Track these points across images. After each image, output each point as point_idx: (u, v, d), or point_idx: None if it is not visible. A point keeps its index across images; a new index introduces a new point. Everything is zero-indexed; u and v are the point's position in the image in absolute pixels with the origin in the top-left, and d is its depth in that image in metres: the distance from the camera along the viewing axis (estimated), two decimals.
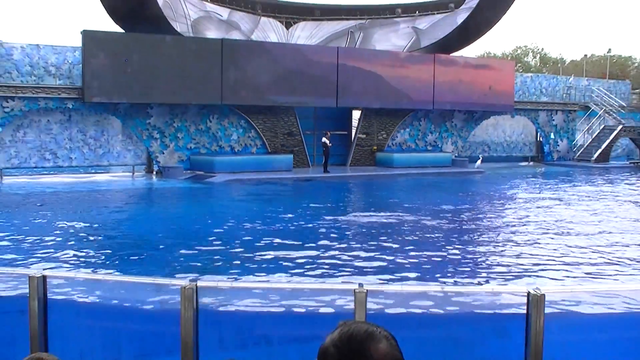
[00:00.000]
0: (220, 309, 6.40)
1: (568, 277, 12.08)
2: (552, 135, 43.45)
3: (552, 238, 16.28)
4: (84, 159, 29.78)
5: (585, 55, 67.67)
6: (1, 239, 14.95)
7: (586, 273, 12.52)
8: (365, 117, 35.74)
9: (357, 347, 1.88)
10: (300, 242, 15.17)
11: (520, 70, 63.45)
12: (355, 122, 36.87)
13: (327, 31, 37.95)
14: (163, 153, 30.33)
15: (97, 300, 6.86)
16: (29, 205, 21.44)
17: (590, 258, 13.95)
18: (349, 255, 13.98)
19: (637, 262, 13.74)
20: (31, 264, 11.91)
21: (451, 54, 37.82)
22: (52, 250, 13.82)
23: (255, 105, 31.81)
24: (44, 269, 6.82)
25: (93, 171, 30.21)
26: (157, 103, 29.47)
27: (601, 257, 14.10)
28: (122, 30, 30.01)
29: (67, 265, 12.34)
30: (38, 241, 14.76)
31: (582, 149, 43.79)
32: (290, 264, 12.85)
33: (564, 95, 45.13)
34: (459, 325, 6.83)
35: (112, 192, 25.66)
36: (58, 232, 16.11)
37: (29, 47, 28.30)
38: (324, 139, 32.23)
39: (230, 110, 31.74)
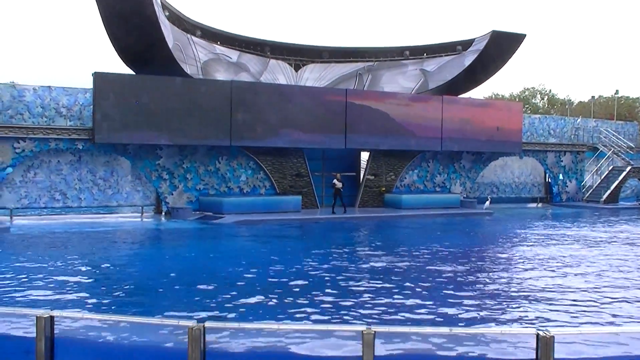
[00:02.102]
0: (228, 350, 6.37)
1: (577, 319, 11.97)
2: (560, 176, 43.43)
3: (565, 280, 16.16)
4: (93, 199, 29.92)
5: (593, 97, 67.83)
6: (10, 279, 14.95)
7: (600, 315, 12.41)
8: (374, 158, 35.85)
9: None
10: (308, 284, 15.10)
11: (529, 112, 63.63)
12: (363, 164, 36.98)
13: (336, 73, 38.29)
14: (172, 194, 30.44)
15: (104, 340, 6.84)
16: (38, 245, 21.46)
17: (606, 300, 13.83)
18: (356, 299, 13.91)
19: None
20: (39, 305, 11.88)
21: (459, 96, 38.03)
22: (60, 291, 13.80)
23: (264, 147, 31.98)
24: (51, 310, 6.82)
25: (102, 212, 30.32)
26: (166, 144, 29.66)
27: (617, 300, 13.98)
28: (132, 72, 30.36)
29: (76, 306, 12.31)
30: (46, 282, 14.75)
31: (591, 190, 43.74)
32: (297, 307, 12.79)
33: (572, 136, 45.23)
34: None
35: (121, 232, 25.68)
36: (67, 273, 16.10)
37: (40, 89, 28.64)
38: (334, 181, 32.36)
39: (239, 152, 31.90)
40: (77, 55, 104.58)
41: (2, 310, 9.53)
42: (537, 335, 5.51)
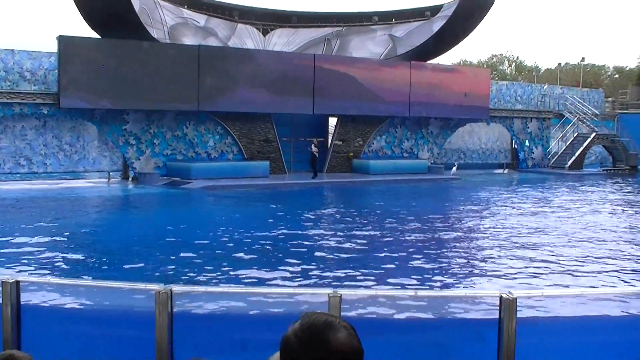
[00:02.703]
0: (195, 313, 6.41)
1: (541, 281, 12.21)
2: (526, 143, 43.84)
3: (529, 243, 16.44)
4: (60, 165, 29.58)
5: (560, 64, 68.40)
6: None
7: (559, 277, 12.66)
8: (342, 123, 35.84)
9: (316, 336, 1.95)
10: (278, 249, 15.19)
11: (496, 78, 63.97)
12: (331, 129, 36.95)
13: (304, 38, 38.02)
14: (139, 159, 30.20)
15: (71, 305, 6.83)
16: (3, 211, 21.23)
17: (564, 264, 14.10)
18: (324, 262, 14.03)
19: (611, 268, 13.91)
20: (4, 270, 11.81)
21: (427, 62, 38.05)
22: (25, 256, 13.72)
23: (231, 112, 31.78)
24: (17, 274, 6.78)
25: (69, 177, 30.00)
26: (133, 109, 29.35)
27: (576, 263, 14.26)
28: (98, 36, 29.88)
29: (41, 271, 12.25)
30: (11, 247, 14.64)
31: (557, 156, 44.22)
32: (266, 270, 12.86)
33: (539, 103, 45.62)
34: (433, 330, 6.89)
35: (87, 198, 25.49)
36: (31, 238, 15.98)
37: (3, 52, 28.08)
38: (312, 146, 32.54)
39: (207, 117, 31.68)
40: (41, 18, 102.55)
41: None
42: (501, 297, 5.61)
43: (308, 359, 1.93)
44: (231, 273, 12.60)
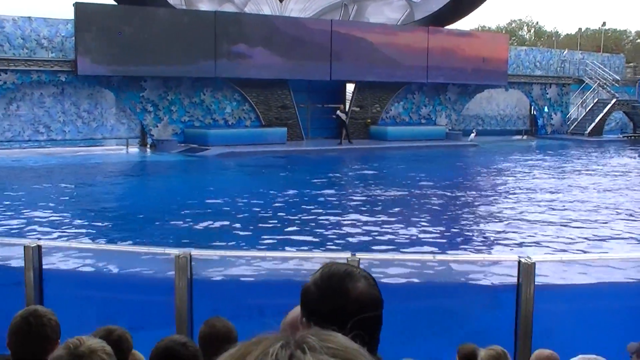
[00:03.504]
0: (214, 278, 6.46)
1: (559, 246, 12.18)
2: (545, 109, 43.42)
3: (547, 209, 16.38)
4: (78, 132, 29.69)
5: (580, 29, 67.48)
6: None
7: (579, 244, 12.62)
8: (359, 90, 35.67)
9: (336, 285, 1.95)
10: (296, 215, 15.22)
11: (515, 44, 63.27)
12: (349, 96, 36.78)
13: (321, 4, 37.68)
14: (157, 126, 30.25)
15: (92, 270, 6.91)
16: (24, 177, 21.42)
17: (585, 229, 14.05)
18: (343, 227, 14.06)
19: (631, 234, 13.84)
20: (26, 235, 11.94)
21: (445, 27, 37.67)
22: (46, 221, 13.86)
23: (248, 79, 31.68)
24: (38, 239, 6.86)
25: (87, 145, 30.13)
26: (150, 76, 29.35)
27: (596, 228, 14.21)
28: (114, 3, 29.78)
29: (63, 236, 12.38)
30: (32, 212, 14.78)
31: (576, 122, 43.79)
32: (285, 236, 12.92)
33: (558, 68, 45.05)
34: (451, 295, 6.91)
35: (106, 165, 25.64)
36: (53, 204, 16.12)
37: (20, 20, 28.07)
38: (338, 112, 32.70)
39: (224, 83, 31.62)
40: None
41: None
42: (519, 261, 5.61)
43: (327, 308, 1.92)
44: (249, 238, 12.66)
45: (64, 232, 12.98)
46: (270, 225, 14.08)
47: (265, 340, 1.12)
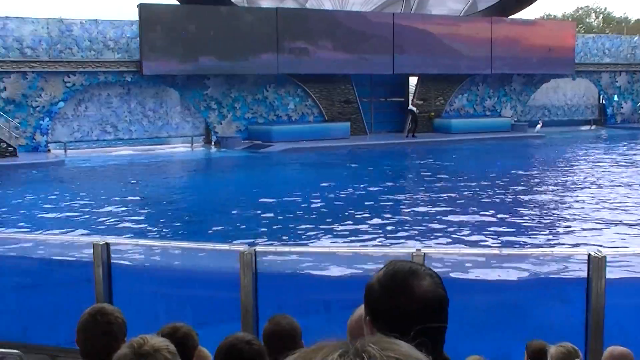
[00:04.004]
0: (279, 273, 6.48)
1: (630, 240, 11.86)
2: (615, 97, 42.28)
3: (618, 203, 15.96)
4: (144, 131, 30.22)
5: None
6: (68, 209, 15.35)
7: None
8: (422, 83, 35.37)
9: (400, 283, 1.90)
10: (361, 210, 15.19)
11: (582, 31, 61.79)
12: (412, 89, 36.51)
13: None
14: (221, 123, 30.61)
15: (159, 266, 7.02)
16: (93, 177, 21.94)
17: None
18: (409, 222, 13.97)
19: None
20: (96, 233, 12.22)
21: (509, 17, 37.03)
22: (116, 219, 14.15)
23: (311, 74, 31.75)
24: (107, 236, 7.00)
25: (153, 143, 30.66)
26: (213, 74, 29.70)
27: None
28: (177, 2, 30.23)
29: (131, 233, 12.62)
30: (103, 209, 15.12)
31: None
32: (349, 230, 12.90)
33: (629, 55, 43.72)
34: (518, 289, 6.78)
35: (172, 163, 26.10)
36: (122, 202, 16.46)
37: (87, 23, 28.73)
38: (411, 106, 32.81)
39: (287, 79, 31.77)
40: None
41: (63, 238, 9.83)
42: (589, 255, 5.45)
43: (391, 307, 1.88)
44: (314, 233, 12.68)
45: (133, 229, 13.24)
46: (335, 220, 14.07)
47: (326, 347, 1.10)
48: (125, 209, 15.64)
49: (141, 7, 27.70)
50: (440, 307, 1.91)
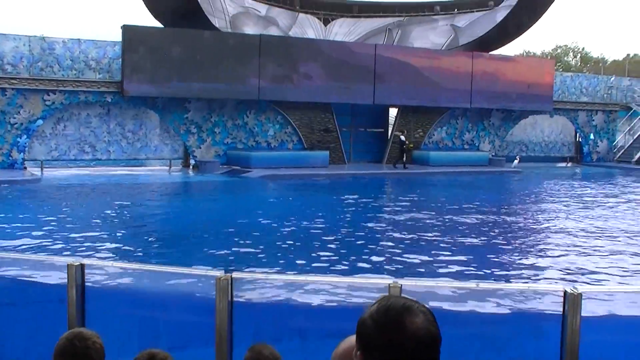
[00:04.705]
0: (255, 301, 6.44)
1: (604, 278, 11.93)
2: (591, 136, 42.82)
3: (593, 240, 16.07)
4: (122, 152, 30.11)
5: (628, 55, 66.66)
6: (43, 228, 15.19)
7: (624, 277, 12.34)
8: (402, 114, 35.62)
9: (393, 320, 1.89)
10: (336, 238, 15.17)
11: (560, 70, 62.66)
12: (392, 120, 36.75)
13: (365, 28, 37.87)
14: (200, 147, 30.56)
15: (134, 289, 6.95)
16: (69, 196, 21.75)
17: (630, 261, 13.74)
18: (384, 253, 13.97)
19: None
20: (70, 254, 12.08)
21: (490, 52, 37.50)
22: (91, 240, 14.01)
23: (292, 101, 31.87)
24: (81, 258, 6.92)
25: (131, 164, 30.56)
26: (195, 98, 29.71)
27: None
28: (161, 25, 30.29)
29: (106, 255, 12.50)
30: (77, 231, 14.97)
31: (623, 150, 43.06)
32: (325, 259, 12.86)
33: (605, 95, 44.40)
34: (493, 323, 6.79)
35: (149, 185, 25.92)
36: (97, 223, 16.32)
37: (70, 42, 28.69)
38: (402, 137, 33.00)
39: (267, 106, 31.85)
40: (106, 8, 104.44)
41: (35, 258, 9.70)
42: (565, 292, 5.47)
43: (383, 343, 1.88)
44: (290, 261, 12.63)
45: (108, 251, 13.11)
46: (312, 248, 14.04)
47: None
48: (100, 229, 15.51)
49: (125, 28, 27.73)
50: (433, 345, 1.91)
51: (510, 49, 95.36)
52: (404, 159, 33.01)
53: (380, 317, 1.91)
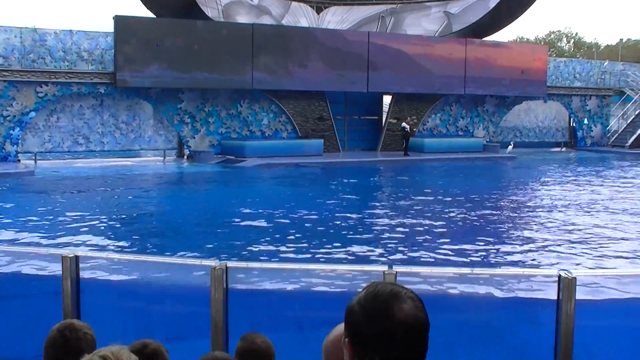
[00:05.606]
0: (251, 290, 6.43)
1: (600, 262, 11.96)
2: (585, 121, 42.86)
3: (585, 224, 16.11)
4: (116, 143, 30.02)
5: (621, 40, 66.53)
6: (37, 221, 15.16)
7: (619, 259, 12.38)
8: (396, 102, 35.57)
9: (381, 306, 1.88)
10: (333, 227, 15.18)
11: (554, 55, 62.64)
12: (386, 107, 36.71)
13: (358, 16, 37.75)
14: (194, 138, 30.50)
15: (129, 280, 6.93)
16: (63, 188, 21.70)
17: (624, 244, 13.79)
18: (379, 240, 13.98)
19: None
20: (65, 245, 12.07)
21: (483, 39, 37.44)
22: (85, 232, 13.99)
23: (285, 90, 31.81)
24: (76, 249, 6.91)
25: (125, 156, 30.49)
26: (188, 88, 29.62)
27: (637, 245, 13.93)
28: (153, 16, 30.15)
29: (101, 247, 12.49)
30: (72, 222, 14.95)
31: (617, 134, 43.12)
32: (320, 247, 12.87)
33: (598, 80, 44.39)
34: (488, 309, 6.80)
35: (143, 176, 25.88)
36: (91, 214, 16.30)
37: (62, 33, 28.53)
38: (404, 124, 32.84)
39: (261, 95, 31.78)
40: None
41: (29, 250, 9.69)
42: (559, 276, 5.47)
43: (371, 330, 1.87)
44: (286, 250, 12.64)
45: (102, 242, 13.10)
46: (306, 237, 14.04)
47: None
48: (95, 221, 15.48)
49: (117, 19, 27.58)
50: (422, 331, 1.89)
51: (503, 35, 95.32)
52: (406, 146, 33.03)
53: (368, 304, 1.90)
